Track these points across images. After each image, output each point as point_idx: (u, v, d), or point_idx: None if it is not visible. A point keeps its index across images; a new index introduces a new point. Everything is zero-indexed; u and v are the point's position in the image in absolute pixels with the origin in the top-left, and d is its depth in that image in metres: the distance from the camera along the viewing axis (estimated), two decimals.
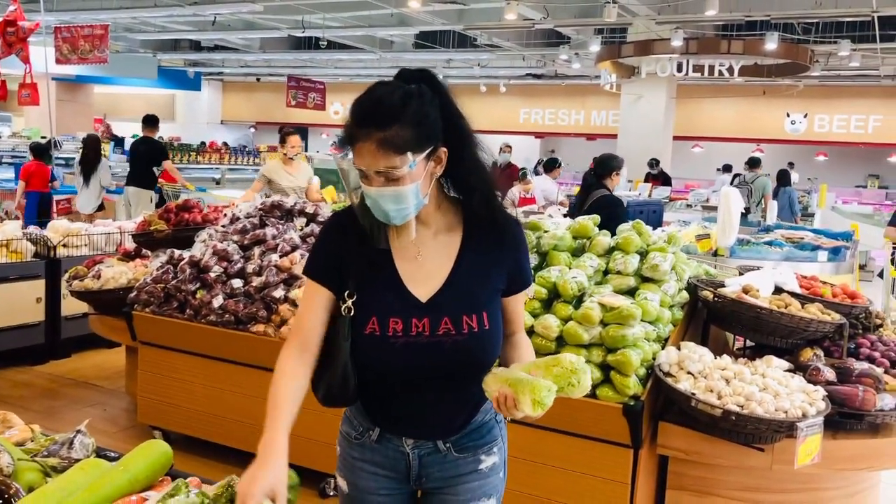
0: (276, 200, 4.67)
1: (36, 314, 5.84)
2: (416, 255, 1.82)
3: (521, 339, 1.97)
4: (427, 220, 1.82)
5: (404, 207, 1.72)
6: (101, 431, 4.66)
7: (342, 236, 1.86)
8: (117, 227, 6.50)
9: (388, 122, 1.66)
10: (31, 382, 5.53)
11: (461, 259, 1.82)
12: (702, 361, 3.22)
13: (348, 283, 1.81)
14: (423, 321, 1.76)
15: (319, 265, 1.87)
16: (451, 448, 1.89)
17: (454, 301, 1.78)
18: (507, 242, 1.87)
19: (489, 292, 1.83)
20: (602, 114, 20.41)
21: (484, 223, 1.84)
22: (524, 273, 1.93)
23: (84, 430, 2.06)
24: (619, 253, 3.56)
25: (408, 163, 1.67)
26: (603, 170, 5.88)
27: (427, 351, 1.76)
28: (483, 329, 1.78)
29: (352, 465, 1.95)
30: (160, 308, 4.29)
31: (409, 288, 1.79)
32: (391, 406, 1.88)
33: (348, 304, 1.80)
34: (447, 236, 1.84)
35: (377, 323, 1.77)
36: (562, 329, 3.27)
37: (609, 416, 3.16)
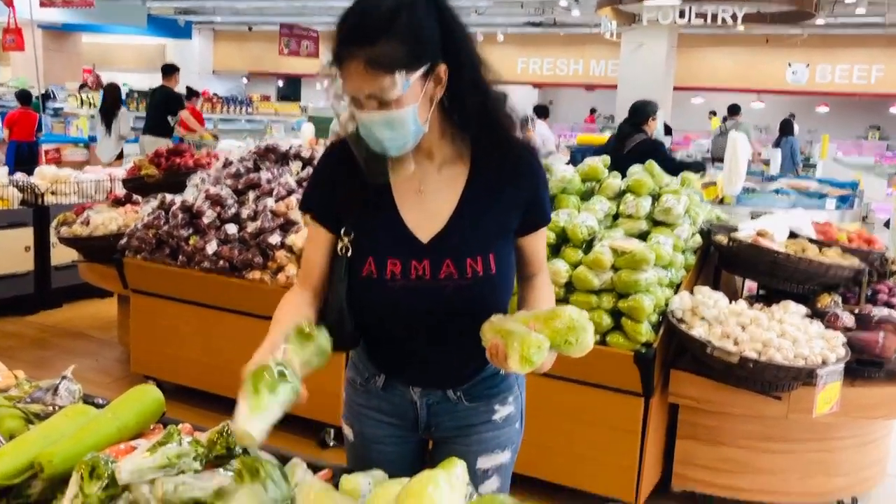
0: (271, 144, 4.50)
1: (25, 263, 5.69)
2: (417, 191, 1.64)
3: (540, 281, 1.79)
4: (430, 150, 1.63)
5: (401, 135, 1.53)
6: (94, 382, 4.54)
7: (338, 170, 1.69)
8: (107, 174, 6.32)
9: (376, 37, 1.45)
10: (21, 333, 5.40)
11: (467, 194, 1.63)
12: (717, 307, 3.10)
13: (345, 220, 1.66)
14: (423, 264, 1.60)
15: (317, 200, 1.73)
16: (462, 397, 1.75)
17: (458, 242, 1.61)
18: (522, 174, 1.67)
19: (498, 232, 1.66)
20: (601, 63, 20.03)
21: (495, 153, 1.63)
22: (542, 208, 1.72)
23: (70, 376, 1.94)
24: (630, 195, 3.42)
25: (400, 83, 1.46)
26: (639, 117, 5.75)
27: (427, 296, 1.61)
28: (489, 273, 1.61)
29: (357, 413, 1.83)
30: (152, 255, 4.14)
31: (408, 226, 1.63)
32: (395, 352, 1.75)
33: (345, 242, 1.65)
34: (452, 169, 1.65)
35: (374, 264, 1.62)
36: (571, 274, 3.13)
37: (620, 365, 3.05)
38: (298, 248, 3.77)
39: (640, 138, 5.77)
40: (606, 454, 3.19)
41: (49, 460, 1.45)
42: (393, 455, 1.81)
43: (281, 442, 3.95)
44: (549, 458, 3.28)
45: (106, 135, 9.68)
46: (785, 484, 3.26)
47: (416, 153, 1.62)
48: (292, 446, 3.72)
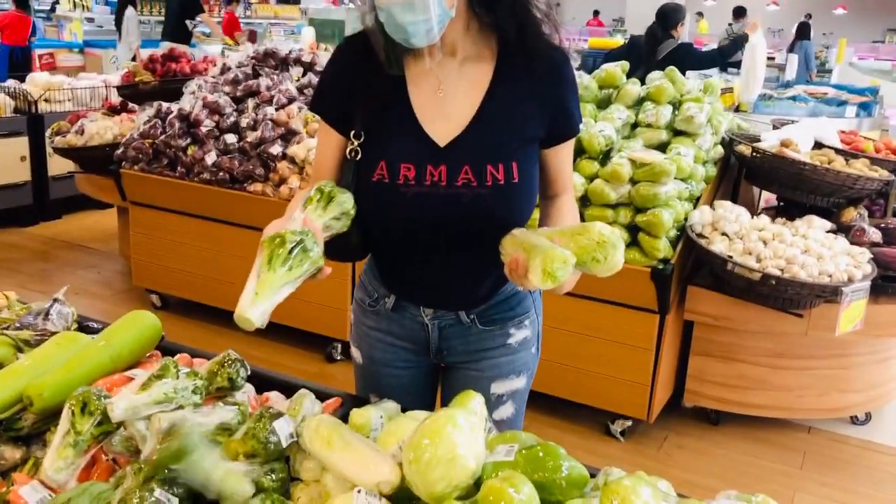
0: (270, 48, 4.28)
1: (21, 174, 5.54)
2: (436, 90, 1.49)
3: (566, 202, 1.64)
4: (453, 45, 1.48)
5: (424, 19, 1.37)
6: (96, 295, 4.48)
7: (349, 67, 1.55)
8: (102, 81, 6.10)
9: None
10: (21, 244, 5.31)
11: (491, 95, 1.49)
12: (738, 222, 2.97)
13: (357, 121, 1.52)
14: (439, 168, 1.46)
15: (328, 101, 1.59)
16: (476, 320, 1.64)
17: (478, 146, 1.47)
18: (550, 78, 1.52)
19: (523, 138, 1.51)
20: None
21: (523, 52, 1.49)
22: (571, 116, 1.56)
23: (62, 297, 1.83)
24: (649, 104, 3.24)
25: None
26: (668, 21, 5.51)
27: (443, 204, 1.47)
28: (511, 182, 1.47)
29: (366, 335, 1.72)
30: (149, 165, 3.99)
31: (425, 128, 1.48)
32: (405, 270, 1.62)
33: (354, 145, 1.51)
34: (476, 66, 1.50)
35: (385, 168, 1.48)
36: (587, 188, 3.00)
37: (636, 281, 2.95)
38: (301, 158, 3.62)
39: (673, 44, 5.57)
40: (619, 371, 3.12)
41: (39, 393, 1.36)
42: (404, 379, 1.73)
43: (288, 356, 3.93)
44: (560, 375, 3.22)
45: (119, 40, 9.45)
46: (800, 400, 3.21)
47: (437, 47, 1.47)
48: (299, 360, 3.72)
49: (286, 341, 3.80)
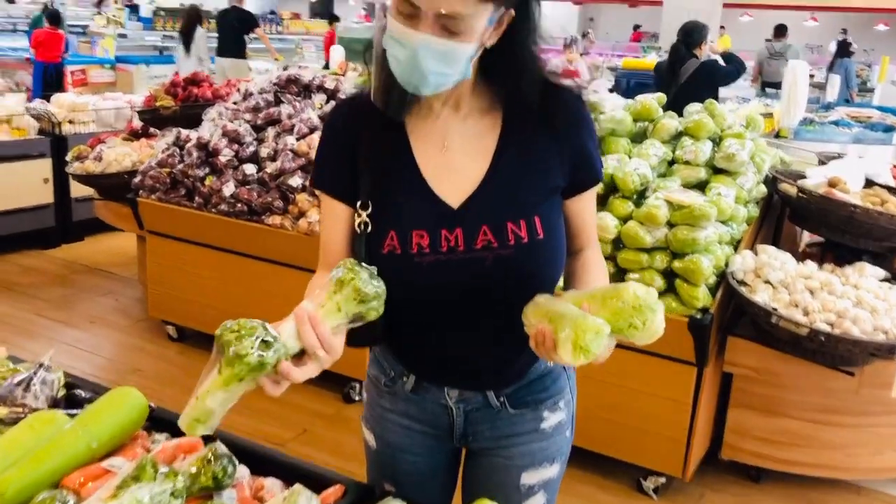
0: (293, 74, 4.16)
1: (44, 196, 5.48)
2: (441, 147, 1.37)
3: (591, 258, 1.48)
4: (457, 100, 1.36)
5: (448, 74, 1.25)
6: (112, 324, 4.38)
7: (346, 130, 1.42)
8: (127, 102, 6.04)
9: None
10: (42, 268, 5.24)
11: (503, 147, 1.36)
12: (783, 269, 2.77)
13: (360, 190, 1.38)
14: (454, 233, 1.32)
15: (327, 172, 1.44)
16: (506, 402, 1.46)
17: (495, 204, 1.33)
18: (567, 122, 1.38)
19: (543, 190, 1.36)
20: None
21: (533, 99, 1.35)
22: (592, 162, 1.42)
23: (48, 363, 1.68)
24: (688, 139, 3.05)
25: (487, 16, 1.22)
26: (692, 38, 5.34)
27: (464, 271, 1.32)
28: (535, 239, 1.32)
29: (381, 417, 1.55)
30: (167, 195, 3.88)
31: (434, 190, 1.35)
32: (426, 346, 1.44)
33: (363, 217, 1.35)
34: (481, 120, 1.38)
35: (397, 238, 1.33)
36: (620, 230, 2.81)
37: (672, 330, 2.71)
38: None
39: (694, 65, 5.36)
40: (653, 425, 2.93)
41: (1, 492, 1.22)
42: (422, 465, 1.55)
43: (304, 395, 3.78)
44: (591, 427, 3.01)
45: (185, 55, 9.59)
46: (850, 459, 2.98)
47: (437, 102, 1.37)
48: (316, 400, 3.57)
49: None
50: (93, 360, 3.97)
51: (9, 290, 4.79)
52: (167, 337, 4.17)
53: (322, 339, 1.16)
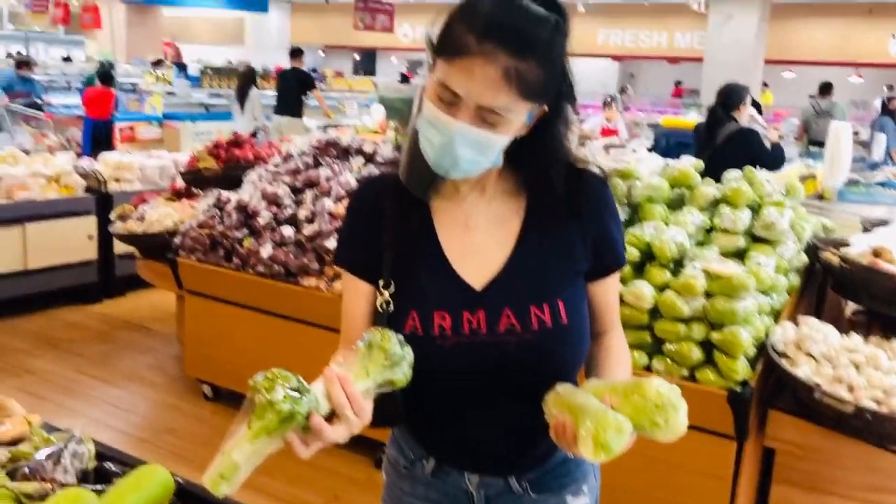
0: (333, 138, 4.22)
1: (88, 252, 5.61)
2: (465, 228, 1.38)
3: (613, 342, 1.47)
4: (483, 183, 1.38)
5: (480, 162, 1.27)
6: (149, 382, 4.41)
7: (371, 208, 1.42)
8: (172, 160, 6.18)
9: (527, 52, 1.20)
10: (84, 324, 5.33)
11: (526, 230, 1.37)
12: (826, 342, 2.69)
13: (383, 268, 1.38)
14: (477, 315, 1.31)
15: (351, 250, 1.45)
16: (528, 487, 1.43)
17: (519, 287, 1.33)
18: (590, 206, 1.39)
19: (567, 274, 1.37)
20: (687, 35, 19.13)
21: (557, 183, 1.37)
22: (615, 246, 1.43)
23: (79, 435, 1.70)
24: (726, 207, 3.01)
25: (526, 112, 1.25)
26: (731, 101, 5.25)
27: (486, 355, 1.31)
28: (559, 324, 1.31)
29: (399, 500, 1.52)
30: (206, 255, 3.94)
31: (458, 272, 1.35)
32: (447, 429, 1.42)
33: (385, 296, 1.35)
34: (505, 203, 1.39)
35: (418, 318, 1.32)
36: (657, 299, 2.77)
37: (711, 404, 2.68)
38: None
39: (732, 128, 5.29)
40: (691, 501, 2.83)
41: None
42: None
43: (335, 459, 3.76)
44: (625, 499, 2.94)
45: (241, 114, 10.06)
46: None
47: (464, 184, 1.38)
48: (347, 464, 3.54)
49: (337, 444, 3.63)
50: (128, 418, 4.00)
51: (51, 347, 4.87)
52: (203, 396, 4.19)
53: (352, 398, 1.15)
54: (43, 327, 5.20)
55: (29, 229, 5.21)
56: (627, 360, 1.47)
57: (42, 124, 10.32)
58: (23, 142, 9.35)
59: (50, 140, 9.47)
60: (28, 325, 5.20)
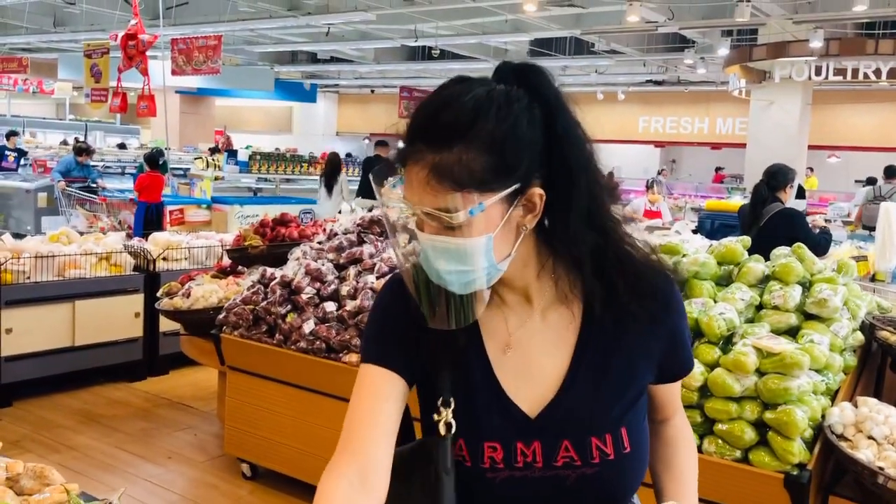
0: (377, 215, 4.26)
1: (135, 329, 5.67)
2: (515, 346, 1.24)
3: (675, 431, 1.39)
4: (526, 291, 1.24)
5: (466, 271, 1.13)
6: (188, 461, 4.37)
7: (408, 311, 1.24)
8: (218, 241, 6.29)
9: (447, 141, 1.09)
10: (127, 401, 5.34)
11: (583, 344, 1.23)
12: (888, 424, 2.57)
13: (441, 386, 1.23)
14: (532, 447, 1.21)
15: (384, 346, 1.26)
16: None
17: (577, 415, 1.21)
18: (657, 310, 1.24)
19: (630, 395, 1.24)
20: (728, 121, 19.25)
21: (618, 290, 1.21)
22: (683, 352, 1.31)
23: (118, 502, 1.68)
24: (776, 283, 2.95)
25: (470, 205, 1.09)
26: (777, 181, 5.23)
27: (541, 489, 1.21)
28: (622, 454, 1.21)
29: None
30: (249, 331, 3.95)
31: (509, 394, 1.22)
32: None
33: (446, 417, 1.21)
34: (559, 312, 1.24)
35: (466, 449, 1.22)
36: (706, 377, 2.69)
37: (766, 488, 2.56)
38: None
39: (777, 207, 5.23)
40: None
41: None
42: None
43: None
44: None
45: (327, 197, 10.56)
46: None
47: (508, 294, 1.25)
48: None
49: None
50: (166, 496, 3.95)
51: (93, 422, 4.88)
52: (241, 475, 4.13)
53: None
54: (87, 403, 5.22)
55: (78, 306, 5.30)
56: (692, 449, 1.42)
57: (96, 207, 10.67)
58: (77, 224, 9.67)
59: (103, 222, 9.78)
60: (72, 402, 5.22)
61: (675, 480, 1.35)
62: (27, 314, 5.04)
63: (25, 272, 5.08)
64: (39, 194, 11.36)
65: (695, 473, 1.39)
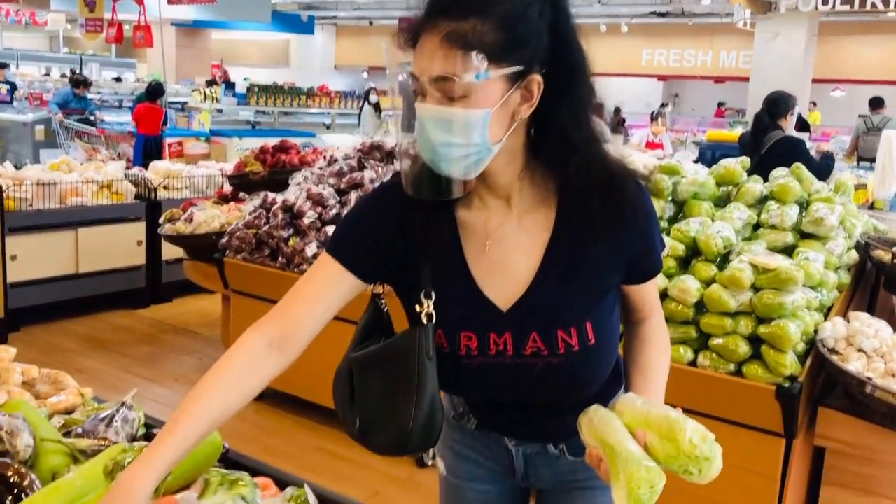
0: (377, 141, 4.27)
1: (137, 257, 5.72)
2: (490, 241, 1.31)
3: (651, 330, 1.46)
4: (507, 193, 1.30)
5: (458, 144, 1.18)
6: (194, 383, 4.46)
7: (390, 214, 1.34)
8: (218, 169, 6.30)
9: (464, 13, 1.16)
10: (132, 327, 5.43)
11: (554, 245, 1.30)
12: (878, 337, 2.63)
13: (423, 280, 1.31)
14: (503, 337, 1.30)
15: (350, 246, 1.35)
16: (565, 450, 1.48)
17: (544, 310, 1.29)
18: (626, 214, 1.30)
19: (596, 293, 1.32)
20: (732, 55, 18.95)
21: (591, 194, 1.27)
22: (651, 257, 1.38)
23: (130, 401, 1.74)
24: (773, 203, 2.98)
25: (476, 70, 1.14)
26: (778, 109, 5.19)
27: (511, 375, 1.32)
28: (586, 346, 1.29)
29: (450, 447, 1.60)
30: (252, 255, 4.00)
31: (483, 290, 1.31)
32: (484, 413, 1.52)
33: (427, 308, 1.30)
34: (534, 214, 1.32)
35: (445, 338, 1.32)
36: (702, 293, 2.74)
37: (759, 399, 2.63)
38: None
39: (778, 135, 5.22)
40: (738, 499, 2.77)
41: None
42: (491, 496, 1.59)
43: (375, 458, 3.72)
44: (670, 498, 2.89)
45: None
46: None
47: (489, 197, 1.32)
48: (390, 464, 3.54)
49: None
50: None
51: (100, 347, 4.97)
52: None
53: None
54: (93, 329, 5.30)
55: (81, 234, 5.34)
56: (665, 345, 1.48)
57: (95, 140, 10.61)
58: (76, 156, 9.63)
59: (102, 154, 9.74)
60: (78, 328, 5.31)
61: (642, 375, 1.42)
62: (31, 241, 5.08)
63: (28, 199, 5.11)
64: (37, 127, 11.27)
65: (663, 370, 1.45)
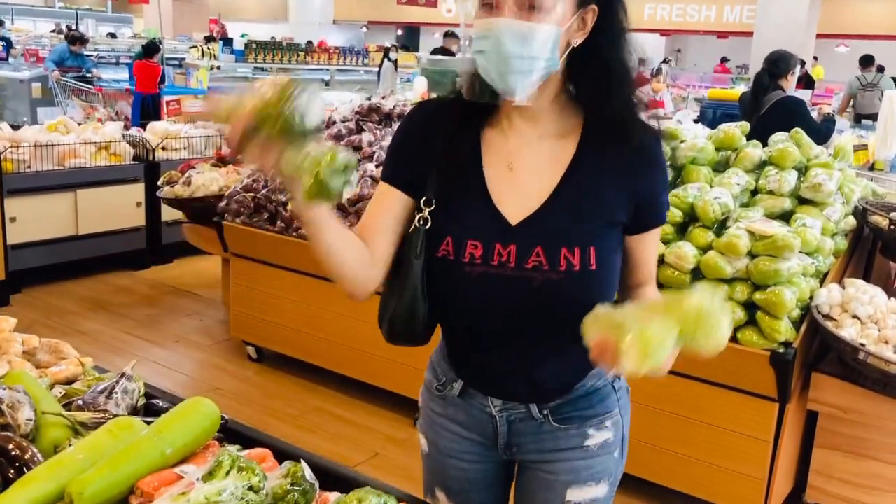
0: (374, 103, 4.24)
1: (137, 219, 5.72)
2: (511, 164, 1.39)
3: (647, 294, 1.49)
4: (535, 115, 1.38)
5: (533, 58, 1.27)
6: (195, 344, 4.51)
7: (424, 128, 1.46)
8: (217, 130, 6.25)
9: None
10: (132, 288, 5.45)
11: (571, 173, 1.38)
12: (872, 304, 2.65)
13: (428, 187, 1.42)
14: (508, 248, 1.35)
15: (396, 168, 1.47)
16: (549, 416, 1.48)
17: (553, 228, 1.36)
18: (640, 162, 1.39)
19: (603, 223, 1.38)
20: (736, 9, 18.71)
21: (613, 133, 1.37)
22: (658, 205, 1.44)
23: (130, 372, 1.76)
24: (772, 168, 2.97)
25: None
26: (778, 69, 5.13)
27: (510, 287, 1.36)
28: (587, 269, 1.34)
29: (433, 422, 1.60)
30: (250, 219, 4.00)
31: (496, 205, 1.38)
32: (471, 355, 1.50)
33: (424, 213, 1.40)
34: (557, 142, 1.40)
35: (451, 244, 1.38)
36: (699, 260, 2.75)
37: (753, 365, 2.67)
38: None
39: (778, 95, 5.17)
40: (731, 462, 2.83)
41: (80, 492, 1.26)
42: (473, 473, 1.59)
43: (378, 419, 3.80)
44: (664, 461, 2.95)
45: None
46: None
47: (518, 118, 1.40)
48: (388, 424, 3.59)
49: (378, 403, 3.69)
50: (174, 377, 4.10)
51: (101, 309, 5.01)
52: (247, 357, 4.27)
53: None
54: (93, 291, 5.33)
55: (80, 195, 5.33)
56: None
57: (92, 97, 10.53)
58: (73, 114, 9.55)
59: (100, 112, 9.67)
60: (79, 289, 5.34)
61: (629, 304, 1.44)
62: (30, 203, 5.08)
63: (25, 161, 5.09)
64: (34, 84, 11.16)
65: None
